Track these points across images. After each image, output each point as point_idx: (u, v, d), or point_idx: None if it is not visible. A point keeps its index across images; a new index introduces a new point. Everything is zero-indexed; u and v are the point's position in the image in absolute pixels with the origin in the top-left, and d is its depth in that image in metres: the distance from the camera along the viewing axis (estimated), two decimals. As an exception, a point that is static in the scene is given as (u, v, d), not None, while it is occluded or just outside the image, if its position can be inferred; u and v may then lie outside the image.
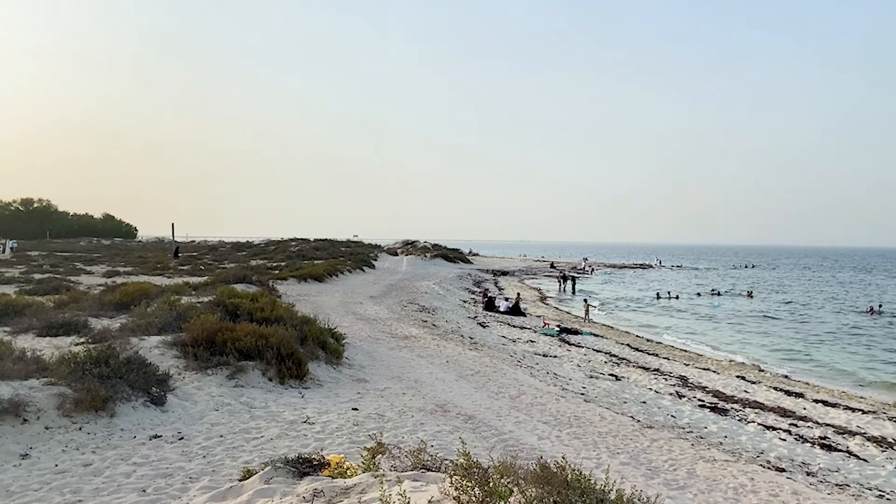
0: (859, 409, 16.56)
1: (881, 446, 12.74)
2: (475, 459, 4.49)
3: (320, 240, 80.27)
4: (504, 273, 69.13)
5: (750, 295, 55.98)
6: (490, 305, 33.07)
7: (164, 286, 21.32)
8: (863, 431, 13.99)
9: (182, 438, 7.83)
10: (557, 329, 27.05)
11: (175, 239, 74.16)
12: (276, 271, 36.07)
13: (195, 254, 58.28)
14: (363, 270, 45.25)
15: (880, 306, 44.55)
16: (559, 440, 9.89)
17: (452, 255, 74.27)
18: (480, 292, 42.53)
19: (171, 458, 7.16)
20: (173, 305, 14.65)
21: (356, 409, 9.90)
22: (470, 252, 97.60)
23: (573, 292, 53.91)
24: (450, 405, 11.03)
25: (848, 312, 43.87)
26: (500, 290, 48.52)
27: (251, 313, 13.84)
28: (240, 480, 5.72)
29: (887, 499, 9.29)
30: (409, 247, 77.53)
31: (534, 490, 4.36)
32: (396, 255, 70.54)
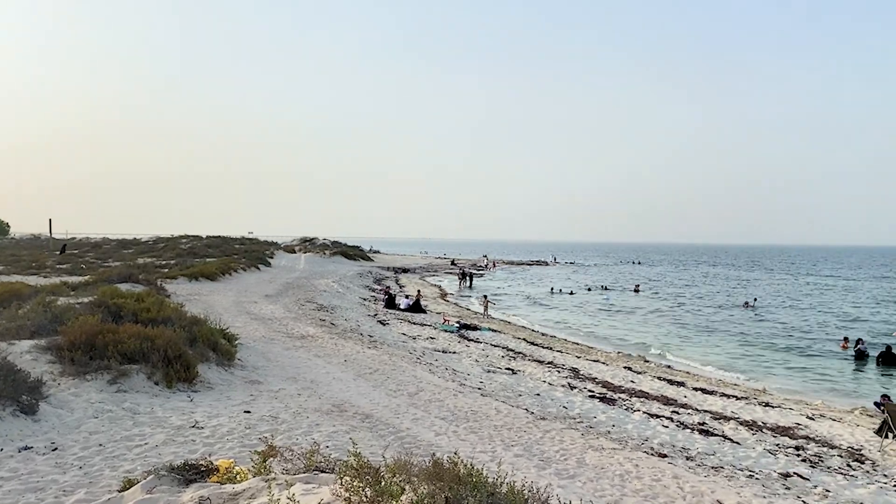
0: (733, 396, 17.77)
1: (752, 430, 13.72)
2: (367, 459, 4.45)
3: (213, 237, 77.27)
4: (405, 270, 69.21)
5: (637, 290, 58.84)
6: (390, 303, 33.01)
7: (38, 286, 19.86)
8: (736, 416, 15.03)
9: (56, 449, 7.32)
10: (457, 325, 27.36)
11: (54, 236, 69.34)
12: (165, 270, 34.41)
13: (76, 251, 54.61)
14: (258, 269, 43.98)
15: (755, 300, 47.96)
16: (456, 435, 10.00)
17: (352, 253, 73.51)
18: (381, 290, 42.38)
19: (44, 470, 6.68)
20: (48, 307, 13.68)
21: (249, 412, 9.61)
22: (371, 250, 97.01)
23: (470, 288, 54.76)
24: (347, 405, 10.92)
25: (729, 307, 46.97)
26: (400, 287, 48.53)
27: (136, 314, 13.14)
28: (119, 491, 5.42)
29: (756, 478, 10.01)
30: (308, 244, 76.05)
31: (426, 487, 4.38)
32: (294, 252, 69.06)
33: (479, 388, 14.79)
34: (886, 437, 13.02)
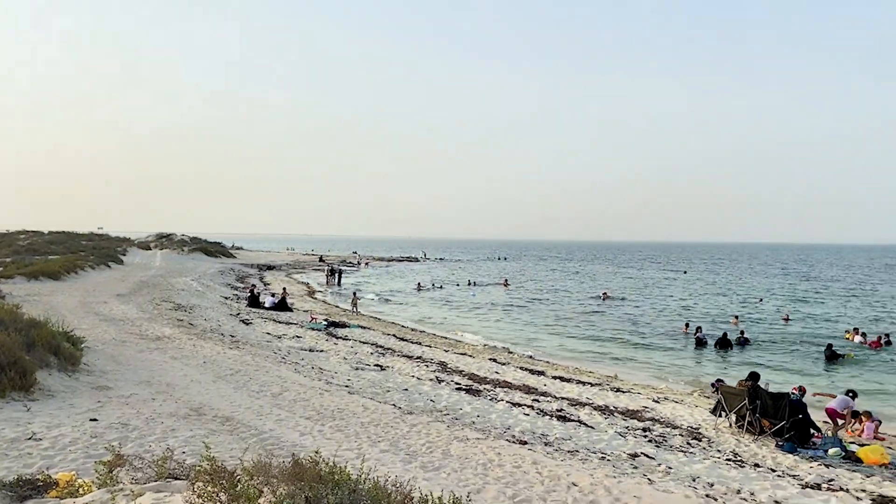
0: (588, 383, 18.84)
1: (605, 414, 14.60)
2: (222, 463, 4.28)
3: (56, 232, 71.18)
4: (270, 267, 67.26)
5: (506, 284, 60.88)
6: (254, 301, 31.93)
7: None
8: (591, 402, 15.94)
9: None
10: (325, 323, 26.96)
11: None
12: (0, 268, 31.24)
13: None
14: (109, 266, 41.01)
15: (604, 294, 51.00)
16: (322, 434, 9.86)
17: (213, 250, 70.40)
18: (244, 288, 40.92)
19: None
20: None
21: (95, 420, 8.94)
22: (233, 246, 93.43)
23: (339, 285, 54.20)
24: (206, 408, 10.45)
25: (586, 299, 49.68)
26: (265, 285, 47.12)
27: (-40, 318, 11.82)
28: (-64, 516, 4.87)
29: (608, 459, 10.67)
30: (164, 240, 71.83)
31: (285, 488, 4.30)
32: (150, 249, 65.06)
33: (347, 386, 14.67)
34: (720, 415, 14.31)
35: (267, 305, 31.38)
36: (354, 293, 38.68)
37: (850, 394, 14.94)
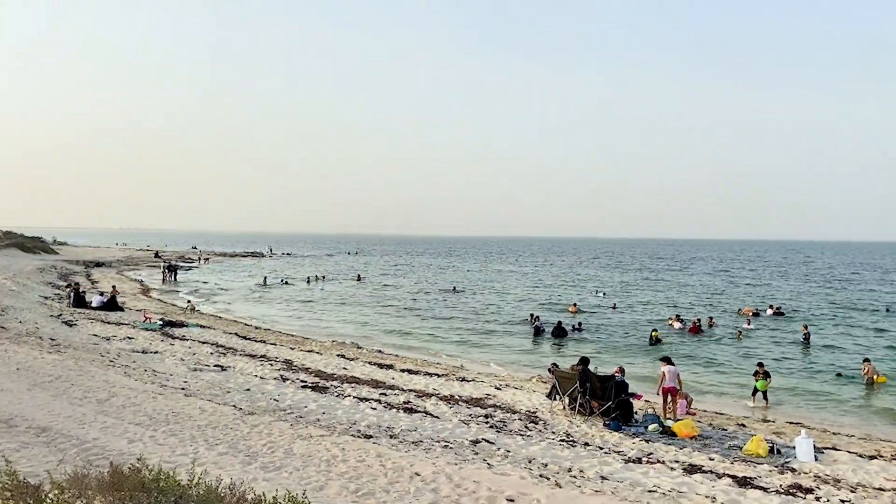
0: (436, 374, 19.26)
1: (450, 403, 15.00)
2: (24, 478, 3.90)
3: None
4: (99, 264, 62.13)
5: (359, 279, 60.59)
6: (80, 301, 29.32)
7: None
8: (437, 392, 16.31)
9: None
10: (160, 323, 25.37)
11: None
12: None
13: None
14: None
15: (457, 289, 52.29)
16: (153, 440, 9.28)
17: (31, 245, 63.85)
18: (68, 286, 37.47)
19: None
20: None
21: None
22: (55, 241, 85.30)
23: (176, 282, 51.27)
24: (17, 419, 9.45)
25: (436, 292, 50.63)
26: (93, 283, 43.45)
27: None
28: None
29: (451, 447, 10.97)
30: (-30, 235, 64.02)
31: (101, 500, 4.00)
32: (-47, 245, 57.67)
33: (183, 388, 13.90)
34: (554, 399, 15.21)
35: (94, 305, 28.95)
36: (193, 291, 36.72)
37: (668, 360, 16.01)
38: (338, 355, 21.84)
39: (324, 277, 60.86)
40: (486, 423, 13.34)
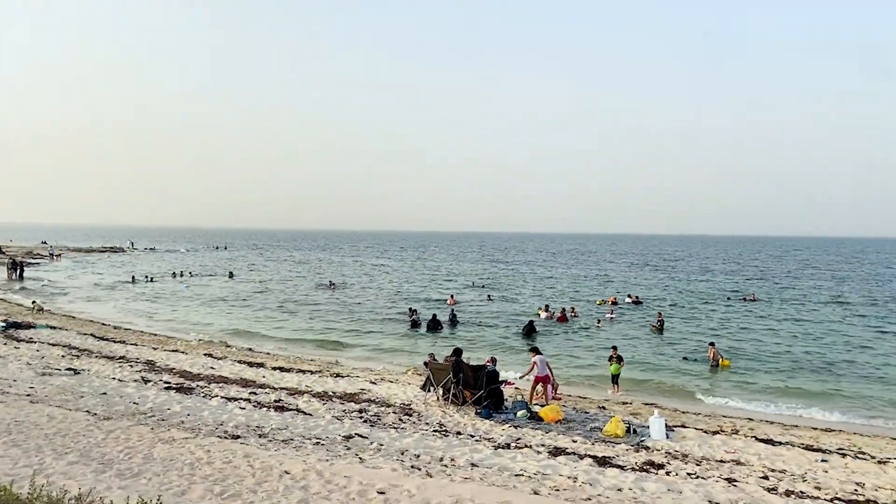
0: (309, 371, 18.92)
1: (323, 400, 14.80)
2: None
3: None
4: (-70, 261, 55.74)
5: (231, 276, 58.32)
6: None
7: None
8: (310, 389, 16.03)
9: None
10: (3, 325, 23.21)
11: None
12: None
13: None
14: None
15: (332, 283, 51.57)
16: (-9, 453, 8.49)
17: None
18: None
19: None
20: None
21: None
22: None
23: (21, 280, 47.10)
24: None
25: (312, 288, 49.66)
26: (-79, 282, 38.97)
27: None
28: None
29: (322, 443, 10.84)
30: None
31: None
32: None
33: (29, 395, 12.82)
34: (429, 391, 15.41)
35: (-78, 307, 25.99)
36: (41, 289, 33.85)
37: (537, 351, 16.66)
38: (205, 354, 20.93)
39: (190, 274, 58.12)
40: (361, 418, 13.30)
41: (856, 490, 10.05)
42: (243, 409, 13.34)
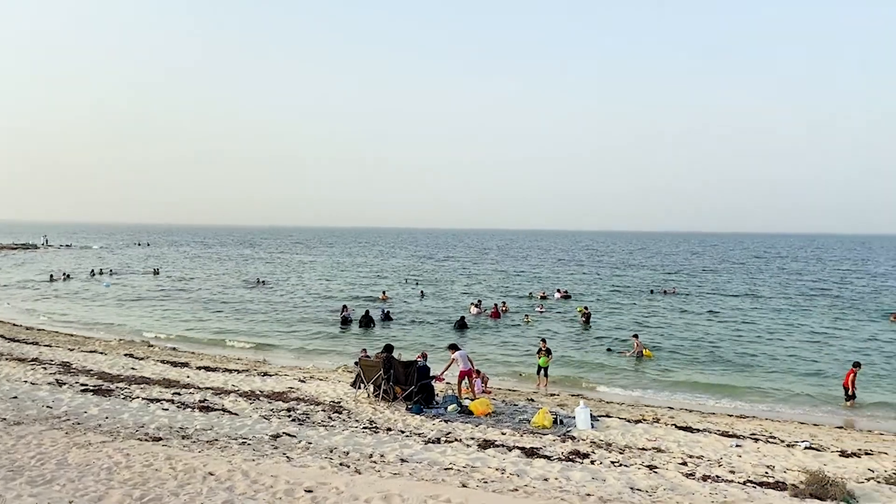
0: (236, 370, 18.49)
1: (250, 399, 14.49)
2: None
3: None
4: None
5: (156, 272, 56.34)
6: None
7: None
8: (237, 389, 15.67)
9: None
10: None
11: None
12: None
13: None
14: None
15: (264, 282, 50.37)
16: None
17: None
18: None
19: None
20: None
21: None
22: None
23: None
24: None
25: (238, 285, 48.44)
26: None
27: None
28: None
29: (249, 443, 10.62)
30: None
31: None
32: None
33: (-72, 402, 12.03)
34: (359, 388, 15.31)
35: None
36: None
37: (455, 347, 16.79)
38: (125, 355, 20.16)
39: (111, 271, 55.85)
40: (289, 416, 13.09)
41: (766, 472, 10.60)
42: (166, 410, 12.91)
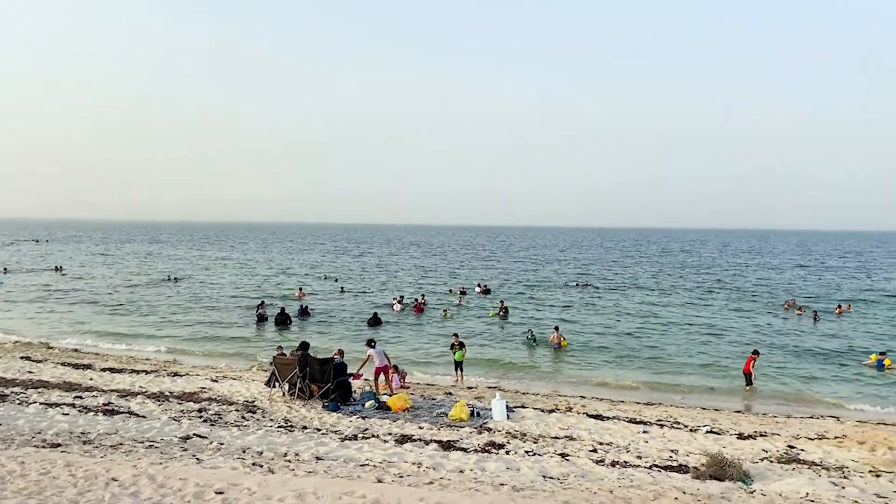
0: (144, 371, 17.75)
1: (159, 401, 13.95)
2: None
3: None
4: None
5: (59, 269, 53.37)
6: None
7: None
8: (145, 390, 15.05)
9: None
10: None
11: None
12: None
13: None
14: None
15: (177, 279, 48.46)
16: None
17: None
18: None
19: None
20: None
21: None
22: None
23: None
24: None
25: (152, 283, 46.43)
26: None
27: None
28: None
29: (156, 446, 10.20)
30: None
31: None
32: None
33: None
34: (274, 386, 15.01)
35: None
36: None
37: (372, 343, 16.72)
38: (21, 357, 19.01)
39: (4, 269, 52.39)
40: (200, 417, 12.69)
41: (671, 456, 11.12)
42: (66, 414, 12.25)
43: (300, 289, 39.68)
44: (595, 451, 11.28)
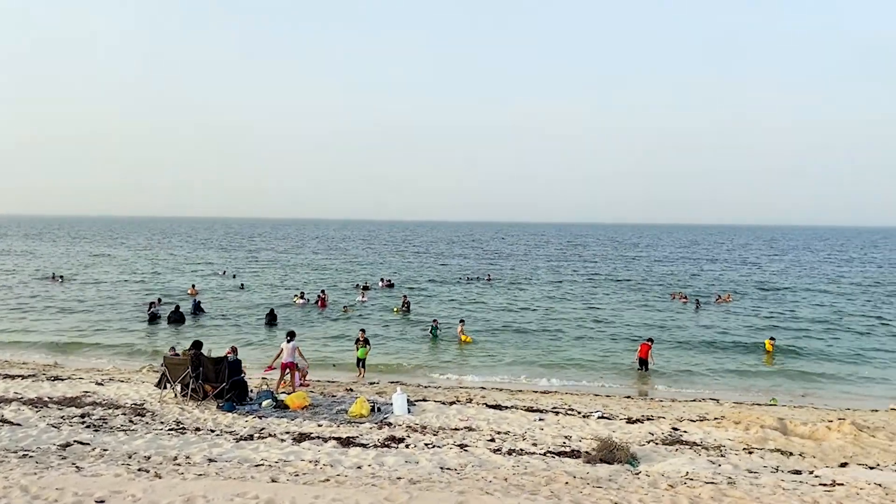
0: (20, 375, 16.54)
1: (36, 407, 13.03)
2: None
3: None
4: None
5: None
6: None
7: None
8: (20, 396, 14.03)
9: None
10: None
11: None
12: None
13: None
14: None
15: (62, 277, 45.50)
16: None
17: None
18: None
19: None
20: None
21: None
22: None
23: None
24: None
25: (32, 281, 43.22)
26: None
27: None
28: None
29: (31, 455, 9.50)
30: None
31: None
32: None
33: None
34: (164, 387, 14.37)
35: None
36: None
37: (289, 337, 16.36)
38: None
39: None
40: (83, 423, 11.95)
41: (564, 442, 11.52)
42: (-73, 426, 11.23)
43: (193, 286, 38.11)
44: (493, 440, 11.52)
